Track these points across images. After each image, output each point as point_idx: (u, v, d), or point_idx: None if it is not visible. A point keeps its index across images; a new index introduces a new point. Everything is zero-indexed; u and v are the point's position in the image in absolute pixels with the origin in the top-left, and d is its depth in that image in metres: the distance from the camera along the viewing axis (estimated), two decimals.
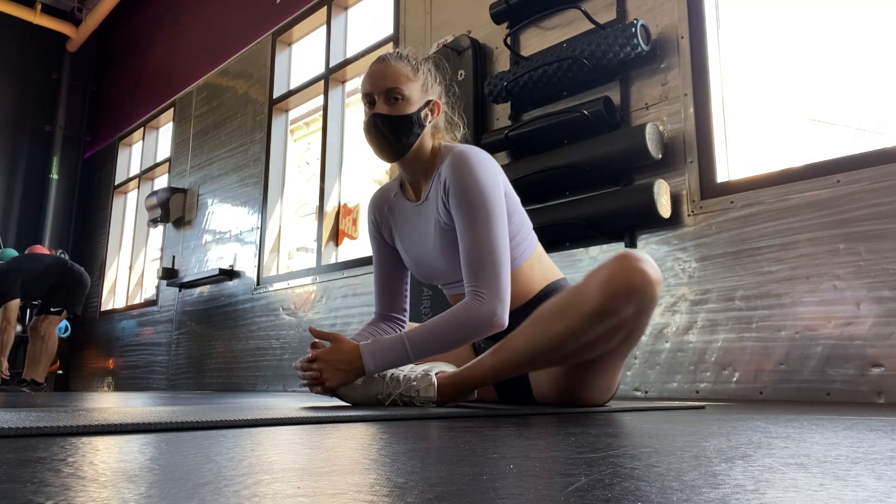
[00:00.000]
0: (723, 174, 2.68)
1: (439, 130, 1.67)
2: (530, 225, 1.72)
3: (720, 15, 2.84)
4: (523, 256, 1.64)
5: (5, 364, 4.80)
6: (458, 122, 1.73)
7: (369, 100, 1.57)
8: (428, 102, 1.59)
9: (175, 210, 6.22)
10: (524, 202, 3.22)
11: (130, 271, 7.38)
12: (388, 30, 4.47)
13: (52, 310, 4.94)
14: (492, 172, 1.54)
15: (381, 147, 1.59)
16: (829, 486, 0.50)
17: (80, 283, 5.11)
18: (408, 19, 4.24)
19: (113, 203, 7.76)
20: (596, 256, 2.98)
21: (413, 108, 1.56)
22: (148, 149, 7.45)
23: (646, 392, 2.71)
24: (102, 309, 7.46)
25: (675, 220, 2.73)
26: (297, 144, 10.49)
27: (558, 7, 3.24)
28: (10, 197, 7.83)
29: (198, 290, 5.85)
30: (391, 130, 1.55)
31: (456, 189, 1.51)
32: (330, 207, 4.76)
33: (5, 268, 4.85)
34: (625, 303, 1.36)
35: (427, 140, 1.61)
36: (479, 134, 3.49)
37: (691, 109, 2.76)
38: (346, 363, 1.46)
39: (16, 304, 4.78)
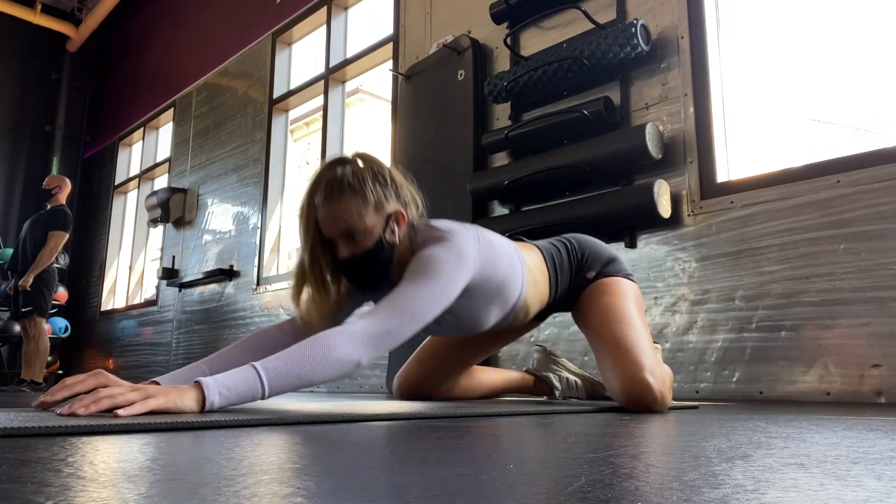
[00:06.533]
0: (723, 174, 2.68)
1: (408, 225, 1.52)
2: (519, 263, 1.64)
3: (720, 15, 2.84)
4: (524, 288, 1.66)
5: (30, 280, 4.81)
6: (410, 199, 1.54)
7: (332, 242, 1.45)
8: (389, 218, 1.46)
9: (175, 210, 6.22)
10: (524, 202, 3.26)
11: (130, 271, 7.38)
12: (389, 30, 4.47)
13: (22, 311, 4.89)
14: (454, 254, 1.42)
15: (363, 285, 1.50)
16: (829, 486, 0.49)
17: (50, 282, 5.04)
18: (408, 19, 4.24)
19: (113, 203, 7.75)
20: None
21: (375, 236, 1.44)
22: (148, 149, 7.45)
23: None
24: (102, 309, 7.46)
25: (675, 220, 2.73)
26: (297, 144, 10.50)
27: (558, 7, 3.24)
28: (10, 197, 7.82)
29: (198, 290, 5.85)
30: (364, 269, 1.45)
31: (415, 257, 1.43)
32: None
33: (69, 212, 5.12)
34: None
35: (404, 244, 1.50)
36: (479, 134, 3.50)
37: (691, 109, 2.76)
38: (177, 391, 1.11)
39: (63, 237, 4.96)
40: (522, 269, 1.65)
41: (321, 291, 1.47)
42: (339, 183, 1.42)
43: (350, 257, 1.43)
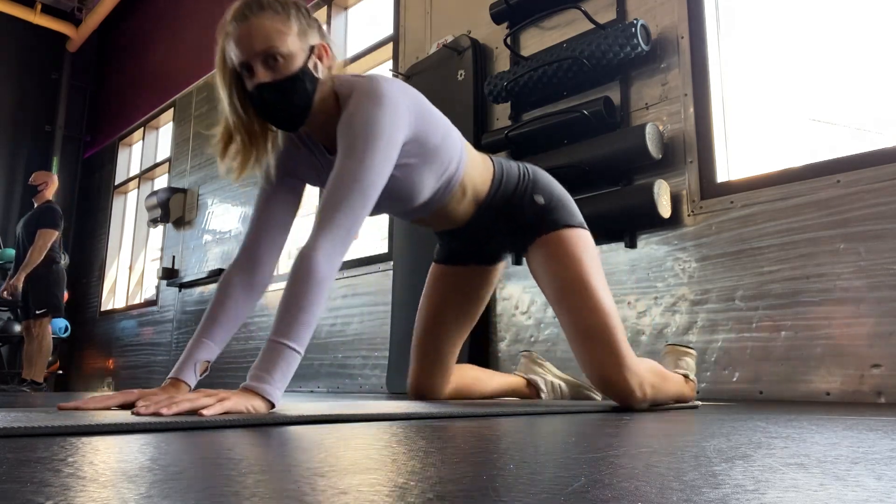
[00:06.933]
0: (723, 174, 2.68)
1: (333, 71, 1.42)
2: (458, 134, 1.58)
3: (720, 15, 2.84)
4: (462, 164, 1.57)
5: (21, 279, 4.78)
6: (336, 49, 1.45)
7: (246, 68, 1.31)
8: (312, 49, 1.35)
9: (175, 210, 6.22)
10: None
11: (130, 271, 7.38)
12: (389, 30, 4.47)
13: (37, 312, 4.92)
14: (389, 107, 1.33)
15: (278, 119, 1.36)
16: (829, 486, 0.49)
17: (59, 280, 5.10)
18: (408, 19, 4.24)
19: (113, 203, 7.76)
20: None
21: (298, 63, 1.31)
22: (148, 149, 7.45)
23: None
24: (102, 309, 7.46)
25: (675, 220, 2.73)
26: None
27: (558, 7, 3.24)
28: (10, 197, 7.83)
29: (198, 289, 5.85)
30: (282, 98, 1.32)
31: (344, 121, 1.33)
32: None
33: (59, 208, 5.09)
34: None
35: (326, 90, 1.38)
36: (479, 134, 3.49)
37: (691, 109, 2.76)
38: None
39: (53, 235, 4.90)
40: (462, 144, 1.57)
41: (249, 141, 1.37)
42: (258, 2, 1.30)
43: (270, 82, 1.29)
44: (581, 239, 1.68)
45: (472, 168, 1.60)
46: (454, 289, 1.87)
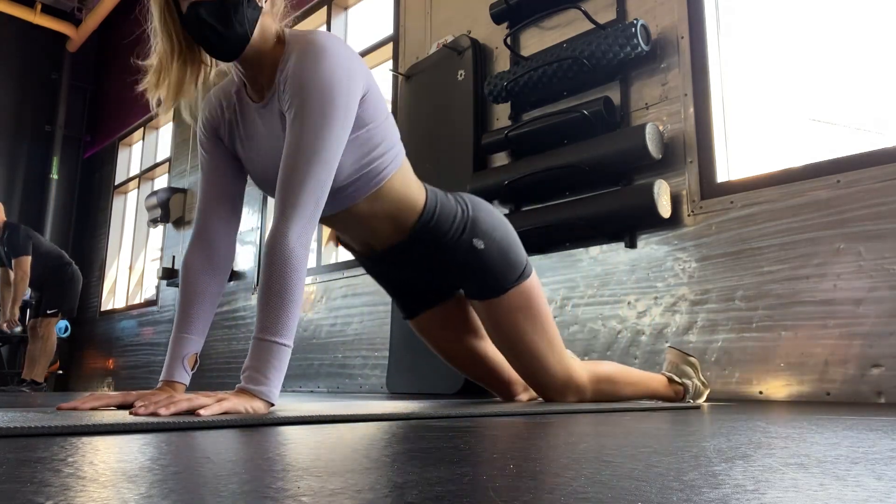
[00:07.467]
0: (723, 174, 2.68)
1: (278, 10, 1.36)
2: (397, 132, 1.49)
3: (720, 15, 2.84)
4: (393, 165, 1.44)
5: (17, 313, 4.80)
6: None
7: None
8: None
9: (175, 210, 6.22)
10: (524, 202, 3.26)
11: (130, 271, 7.38)
12: (388, 30, 4.47)
13: (47, 312, 4.94)
14: (345, 67, 1.25)
15: (212, 43, 1.25)
16: (829, 486, 0.49)
17: (74, 282, 5.12)
18: (408, 19, 4.24)
19: (113, 203, 7.76)
20: (596, 256, 2.98)
21: None
22: (148, 149, 7.45)
23: None
24: (102, 309, 7.46)
25: (675, 220, 2.73)
26: None
27: (558, 7, 3.24)
28: (10, 197, 7.82)
29: None
30: (219, 19, 1.22)
31: (295, 80, 1.24)
32: None
33: (21, 226, 4.95)
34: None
35: (268, 26, 1.30)
36: (479, 134, 3.50)
37: (691, 109, 2.76)
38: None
39: (28, 260, 4.82)
40: (399, 148, 1.47)
41: (180, 68, 1.30)
42: None
43: (206, 1, 1.21)
44: (522, 300, 1.61)
45: (401, 177, 1.47)
46: (440, 330, 1.80)
